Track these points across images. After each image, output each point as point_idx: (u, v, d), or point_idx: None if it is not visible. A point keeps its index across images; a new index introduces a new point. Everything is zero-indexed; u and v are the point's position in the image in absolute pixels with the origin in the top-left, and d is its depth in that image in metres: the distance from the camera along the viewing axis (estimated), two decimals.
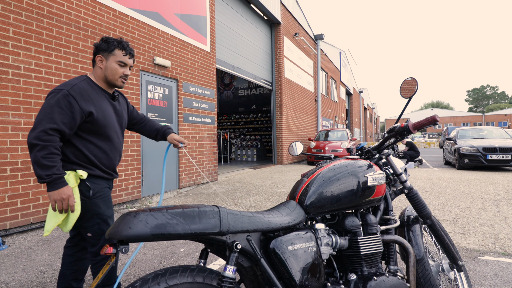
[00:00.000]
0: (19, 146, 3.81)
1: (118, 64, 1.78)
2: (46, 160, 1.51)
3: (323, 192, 1.44)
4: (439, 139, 32.51)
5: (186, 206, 1.14)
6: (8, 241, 3.52)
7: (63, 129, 1.57)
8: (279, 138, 12.46)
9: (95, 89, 1.75)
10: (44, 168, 1.51)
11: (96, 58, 1.78)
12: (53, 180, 1.53)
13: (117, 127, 1.86)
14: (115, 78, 1.78)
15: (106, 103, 1.79)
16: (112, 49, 1.76)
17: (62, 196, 1.55)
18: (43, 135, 1.52)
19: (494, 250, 3.06)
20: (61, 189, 1.55)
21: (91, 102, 1.68)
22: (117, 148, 1.86)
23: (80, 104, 1.62)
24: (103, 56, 1.77)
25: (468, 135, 11.10)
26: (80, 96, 1.63)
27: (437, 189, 6.29)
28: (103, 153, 1.77)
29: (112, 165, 1.84)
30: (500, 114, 65.43)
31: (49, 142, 1.52)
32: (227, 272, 1.11)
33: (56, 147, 1.55)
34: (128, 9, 5.37)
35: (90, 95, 1.69)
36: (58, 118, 1.55)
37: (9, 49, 3.73)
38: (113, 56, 1.76)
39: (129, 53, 1.81)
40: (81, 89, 1.66)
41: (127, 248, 1.04)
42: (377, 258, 1.51)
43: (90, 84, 1.74)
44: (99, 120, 1.70)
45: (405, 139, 11.37)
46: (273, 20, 12.12)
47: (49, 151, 1.52)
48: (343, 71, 25.47)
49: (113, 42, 1.77)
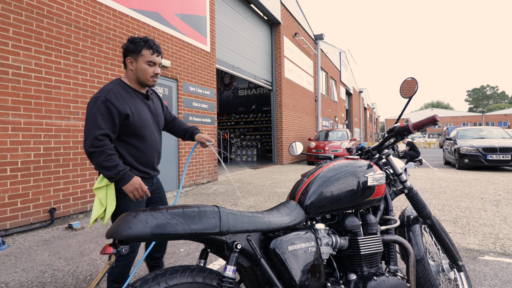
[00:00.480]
0: (19, 146, 3.81)
1: (148, 64, 1.81)
2: (107, 162, 1.65)
3: (323, 192, 1.44)
4: (439, 139, 32.51)
5: (186, 206, 1.14)
6: (8, 241, 3.52)
7: (109, 133, 1.70)
8: (279, 138, 12.46)
9: (129, 92, 1.83)
10: (109, 169, 1.65)
11: (126, 60, 1.84)
12: (121, 177, 1.67)
13: (153, 126, 1.92)
14: (147, 78, 1.83)
15: (141, 103, 1.86)
16: (139, 50, 1.79)
17: (135, 186, 1.70)
18: (96, 142, 1.65)
19: (494, 250, 3.06)
20: (131, 181, 1.70)
21: (127, 105, 1.76)
22: (154, 147, 1.92)
23: (117, 107, 1.71)
24: (133, 58, 1.81)
25: (468, 135, 11.10)
26: (116, 100, 1.72)
27: (437, 189, 6.29)
28: (140, 153, 1.85)
29: (149, 163, 1.91)
30: (500, 114, 65.42)
31: (103, 146, 1.66)
32: (227, 272, 1.11)
33: (110, 148, 1.68)
34: (128, 9, 5.38)
35: (125, 98, 1.77)
36: (102, 124, 1.67)
37: (9, 49, 3.73)
38: (141, 57, 1.80)
39: (157, 51, 1.83)
40: (116, 93, 1.74)
41: (127, 248, 1.03)
42: (377, 258, 1.51)
43: (124, 87, 1.82)
44: (135, 122, 1.78)
45: (406, 139, 11.36)
46: (273, 20, 12.12)
47: (106, 154, 1.66)
48: (343, 71, 25.47)
49: (139, 42, 1.79)
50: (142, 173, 1.88)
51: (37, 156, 4.00)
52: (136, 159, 1.83)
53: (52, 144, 4.17)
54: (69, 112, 4.39)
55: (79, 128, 4.51)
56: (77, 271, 2.72)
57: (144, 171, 1.89)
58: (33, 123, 3.97)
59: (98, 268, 2.77)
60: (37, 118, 4.01)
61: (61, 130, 4.28)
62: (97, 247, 3.32)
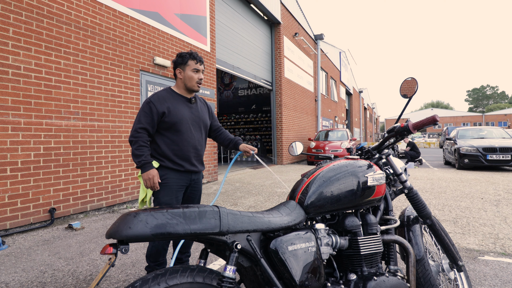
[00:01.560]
0: (19, 146, 3.81)
1: (193, 72, 2.18)
2: (137, 150, 2.04)
3: (323, 192, 1.44)
4: (439, 139, 32.51)
5: (186, 206, 1.14)
6: (8, 241, 3.52)
7: (147, 127, 2.09)
8: (279, 138, 12.46)
9: (173, 95, 2.20)
10: (136, 156, 2.04)
11: (176, 71, 2.22)
12: (142, 165, 2.03)
13: (192, 124, 2.22)
14: (193, 83, 2.19)
15: (182, 105, 2.19)
16: (186, 61, 2.17)
17: (149, 176, 2.03)
18: (135, 133, 2.07)
19: (494, 250, 3.06)
20: (148, 171, 2.04)
21: (165, 105, 2.12)
22: (189, 142, 2.19)
23: (156, 107, 2.09)
24: (181, 69, 2.19)
25: (468, 135, 11.09)
26: (157, 101, 2.11)
27: (437, 189, 6.29)
28: (175, 145, 2.15)
29: (185, 156, 2.18)
30: (500, 114, 65.42)
31: (138, 138, 2.06)
32: (227, 272, 1.11)
33: (144, 141, 2.07)
34: (128, 9, 5.38)
35: (166, 99, 2.15)
36: (143, 120, 2.08)
37: (9, 49, 3.73)
38: (188, 66, 2.17)
39: (200, 61, 2.19)
40: (159, 96, 2.14)
41: (127, 248, 1.03)
42: (377, 258, 1.51)
43: (169, 92, 2.21)
44: (172, 118, 2.11)
45: (407, 139, 11.35)
46: (273, 20, 12.12)
47: (138, 144, 2.05)
48: (343, 71, 25.46)
49: (185, 55, 2.17)
50: (177, 165, 2.15)
51: (37, 156, 4.00)
52: (172, 150, 2.14)
53: (52, 144, 4.17)
54: (69, 112, 4.39)
55: (79, 128, 4.51)
56: (77, 271, 2.72)
57: (179, 163, 2.16)
58: (33, 123, 3.97)
59: (98, 268, 2.77)
60: (37, 118, 4.01)
61: (61, 130, 4.28)
62: (97, 247, 3.32)
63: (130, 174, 5.30)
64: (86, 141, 4.62)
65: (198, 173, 2.30)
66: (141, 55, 5.60)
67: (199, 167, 2.28)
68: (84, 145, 4.58)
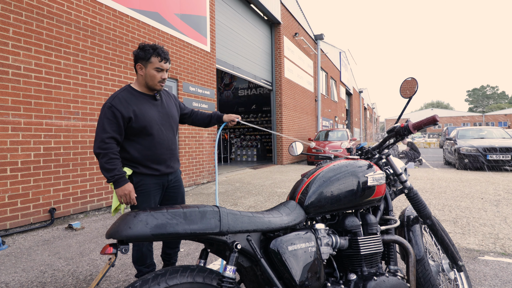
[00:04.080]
0: (19, 146, 3.81)
1: (156, 70, 1.95)
2: (108, 164, 1.82)
3: (323, 192, 1.44)
4: (439, 139, 32.49)
5: (186, 206, 1.14)
6: (8, 241, 3.52)
7: (115, 136, 1.87)
8: (279, 138, 12.46)
9: (135, 95, 1.98)
10: (108, 171, 1.82)
11: (137, 66, 1.98)
12: (116, 180, 1.83)
13: (162, 124, 2.04)
14: (154, 83, 1.98)
15: (148, 105, 1.99)
16: (149, 57, 1.93)
17: (125, 192, 1.85)
18: (102, 144, 1.83)
19: (494, 250, 3.06)
20: (123, 186, 1.85)
21: (130, 108, 1.91)
22: (162, 144, 2.02)
23: (121, 112, 1.87)
24: (142, 64, 1.96)
25: (468, 135, 11.09)
26: (120, 105, 1.88)
27: (437, 189, 6.29)
28: (148, 150, 1.98)
29: (159, 160, 2.02)
30: (500, 114, 65.40)
31: (107, 149, 1.83)
32: (227, 272, 1.11)
33: (114, 152, 1.85)
34: (128, 9, 5.38)
35: (129, 102, 1.93)
36: (108, 128, 1.84)
37: (9, 49, 3.73)
38: (150, 63, 1.94)
39: (164, 58, 1.96)
40: (121, 99, 1.91)
41: (127, 248, 1.03)
42: (377, 258, 1.51)
43: (131, 92, 1.98)
44: (139, 121, 1.92)
45: (406, 139, 11.35)
46: (273, 20, 12.12)
47: (108, 157, 1.83)
48: (343, 71, 25.46)
49: (149, 50, 1.92)
50: (152, 170, 1.99)
51: (37, 156, 4.00)
52: (145, 156, 1.97)
53: (52, 144, 4.17)
54: (69, 112, 4.39)
55: (79, 128, 4.51)
56: (77, 271, 2.72)
57: (154, 168, 2.00)
58: (33, 123, 3.97)
59: (98, 268, 2.77)
60: (37, 118, 4.01)
61: (61, 130, 4.28)
62: (97, 247, 3.32)
63: None
64: (86, 141, 4.61)
65: (175, 172, 2.17)
66: None
67: (176, 166, 2.15)
68: (84, 145, 4.58)
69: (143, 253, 2.08)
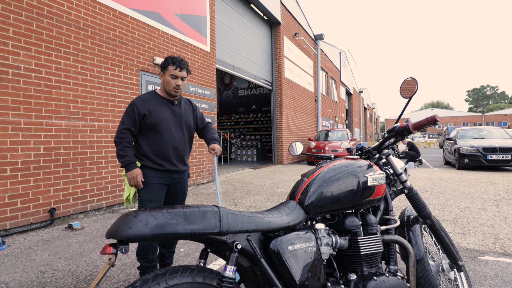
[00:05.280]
0: (19, 146, 3.81)
1: (171, 77, 2.22)
2: (121, 151, 2.15)
3: (323, 192, 1.44)
4: (439, 139, 32.50)
5: (186, 206, 1.14)
6: (8, 241, 3.52)
7: (131, 128, 2.19)
8: (279, 138, 12.46)
9: (156, 98, 2.27)
10: (121, 157, 2.14)
11: (159, 75, 2.30)
12: (126, 165, 2.14)
13: (173, 125, 2.28)
14: (170, 88, 2.24)
15: (163, 106, 2.26)
16: (166, 66, 2.22)
17: (132, 175, 2.13)
18: (119, 134, 2.17)
19: (494, 250, 3.06)
20: (132, 170, 2.14)
21: (146, 107, 2.20)
22: (169, 142, 2.25)
23: (138, 109, 2.19)
24: (162, 72, 2.26)
25: (468, 135, 11.09)
26: (139, 103, 2.20)
27: (437, 189, 6.29)
28: (155, 145, 2.23)
29: (164, 156, 2.25)
30: (500, 114, 65.40)
31: (122, 138, 2.17)
32: (227, 272, 1.11)
33: (128, 141, 2.18)
34: (128, 9, 5.37)
35: (148, 101, 2.23)
36: (126, 121, 2.18)
37: (9, 49, 3.73)
38: (167, 71, 2.22)
39: (179, 67, 2.22)
40: (141, 99, 2.24)
41: (127, 248, 1.03)
42: (377, 258, 1.51)
43: (153, 95, 2.28)
44: (152, 119, 2.20)
45: (406, 139, 11.36)
46: (273, 20, 12.12)
47: (122, 145, 2.16)
48: (343, 71, 25.46)
49: (167, 59, 2.22)
50: (157, 165, 2.22)
51: (37, 156, 4.00)
52: (152, 150, 2.22)
53: (52, 144, 4.17)
54: (69, 112, 4.39)
55: (79, 128, 4.51)
56: (77, 271, 2.72)
57: (159, 163, 2.22)
58: (33, 123, 3.97)
59: (98, 268, 2.77)
60: (37, 118, 4.01)
61: (61, 130, 4.28)
62: (97, 247, 3.32)
63: None
64: (86, 141, 4.62)
65: (180, 172, 2.34)
66: (141, 55, 5.60)
67: (181, 166, 2.33)
68: (84, 145, 4.58)
69: (145, 247, 2.21)
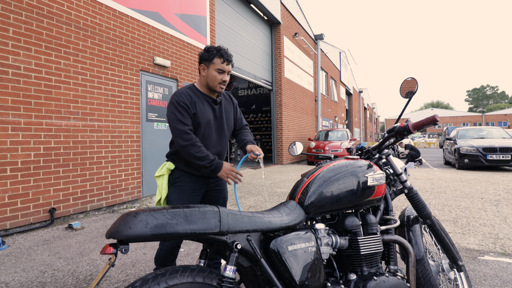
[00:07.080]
0: (19, 146, 3.81)
1: (217, 72, 1.94)
2: (199, 153, 1.85)
3: (323, 192, 1.44)
4: (439, 139, 32.49)
5: (187, 206, 1.14)
6: (8, 241, 3.52)
7: (192, 128, 1.92)
8: (279, 138, 12.46)
9: (198, 95, 2.00)
10: (202, 159, 1.85)
11: (200, 67, 2.00)
12: (215, 166, 1.88)
13: (215, 129, 2.05)
14: (215, 84, 1.97)
15: (207, 107, 2.01)
16: (212, 58, 1.93)
17: (226, 171, 1.91)
18: (186, 135, 1.86)
19: (494, 250, 3.06)
20: (223, 167, 1.90)
21: (194, 105, 1.94)
22: (208, 146, 2.02)
23: (188, 106, 1.91)
24: (205, 65, 1.97)
25: (468, 135, 11.10)
26: (187, 100, 1.92)
27: (437, 189, 6.29)
28: None
29: None
30: (500, 114, 65.41)
31: (192, 139, 1.86)
32: (227, 272, 1.11)
33: (198, 141, 1.88)
34: (128, 9, 5.37)
35: (193, 99, 1.96)
36: (185, 121, 1.89)
37: (9, 49, 3.73)
38: (212, 64, 1.94)
39: (227, 60, 1.95)
40: (186, 95, 1.94)
41: (127, 248, 1.03)
42: (377, 258, 1.51)
43: (194, 91, 2.00)
44: (197, 119, 1.95)
45: (404, 143, 11.37)
46: (273, 20, 12.12)
47: (197, 146, 1.86)
48: (343, 71, 25.46)
49: (212, 51, 1.93)
50: (192, 169, 1.99)
51: (37, 156, 4.00)
52: None
53: (52, 144, 4.17)
54: (69, 112, 4.39)
55: (79, 128, 4.51)
56: (77, 271, 2.72)
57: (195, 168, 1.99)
58: (33, 123, 3.97)
59: (98, 268, 2.77)
60: (37, 118, 4.01)
61: (61, 130, 4.28)
62: (97, 247, 3.32)
63: (130, 174, 5.30)
64: (86, 141, 4.61)
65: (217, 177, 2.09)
66: (141, 55, 5.60)
67: None
68: (84, 145, 4.58)
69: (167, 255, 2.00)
